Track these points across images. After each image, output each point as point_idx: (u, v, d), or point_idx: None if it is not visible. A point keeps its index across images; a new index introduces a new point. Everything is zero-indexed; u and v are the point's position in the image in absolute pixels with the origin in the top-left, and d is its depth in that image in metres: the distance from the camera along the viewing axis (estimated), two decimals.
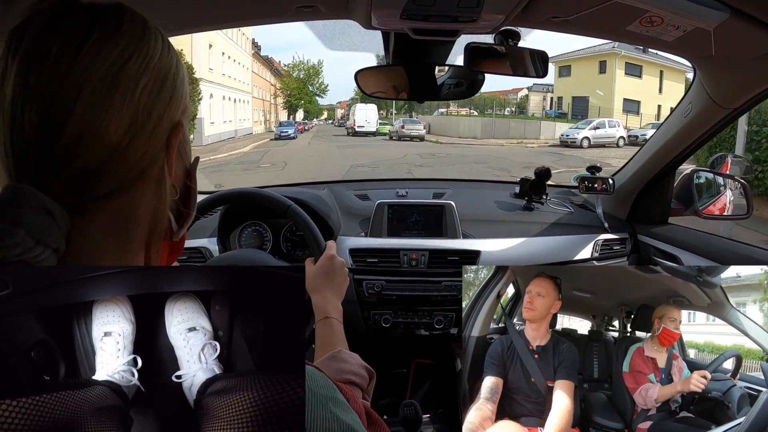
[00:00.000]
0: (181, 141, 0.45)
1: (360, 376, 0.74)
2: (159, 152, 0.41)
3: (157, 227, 0.44)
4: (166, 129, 0.42)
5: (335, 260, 0.98)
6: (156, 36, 0.42)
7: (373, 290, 1.51)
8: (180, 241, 0.50)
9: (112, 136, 0.37)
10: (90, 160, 0.37)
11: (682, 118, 1.39)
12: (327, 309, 0.88)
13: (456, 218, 1.61)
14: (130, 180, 0.40)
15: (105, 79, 0.37)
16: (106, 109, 0.37)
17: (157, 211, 0.43)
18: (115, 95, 0.37)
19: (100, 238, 0.40)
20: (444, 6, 0.91)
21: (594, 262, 1.63)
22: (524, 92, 36.05)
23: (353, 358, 0.77)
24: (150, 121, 0.40)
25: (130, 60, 0.39)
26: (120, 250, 0.41)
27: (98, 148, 0.37)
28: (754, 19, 0.87)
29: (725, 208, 1.56)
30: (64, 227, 0.37)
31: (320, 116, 51.13)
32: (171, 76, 0.42)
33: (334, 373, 0.72)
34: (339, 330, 0.86)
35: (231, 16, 1.13)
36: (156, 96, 0.40)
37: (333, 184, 2.01)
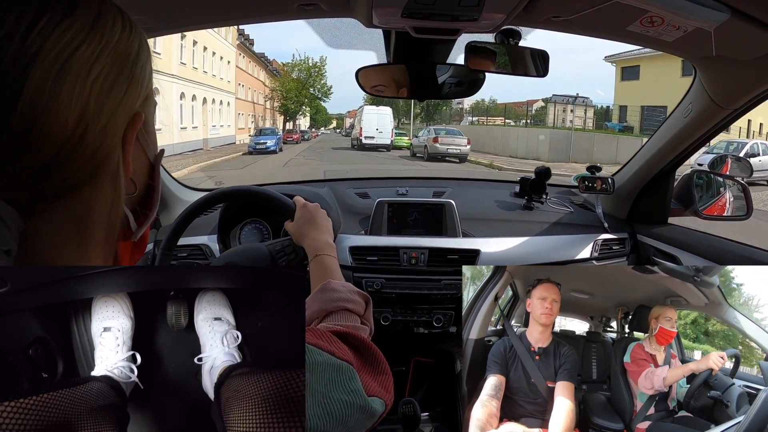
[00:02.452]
0: (142, 133, 0.43)
1: (354, 302, 0.73)
2: (115, 146, 0.39)
3: (114, 226, 0.41)
4: (122, 121, 0.39)
5: (309, 206, 1.01)
6: (114, 19, 0.39)
7: (373, 288, 1.51)
8: (141, 240, 0.47)
9: (62, 130, 0.35)
10: (39, 155, 0.34)
11: (682, 118, 1.39)
12: (318, 247, 0.89)
13: (456, 217, 1.61)
14: (84, 176, 0.37)
15: (52, 68, 0.34)
16: (54, 100, 0.34)
17: (113, 209, 0.41)
18: (64, 85, 0.35)
19: (55, 237, 0.38)
20: (445, 5, 0.90)
21: (593, 262, 1.63)
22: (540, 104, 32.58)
23: (344, 286, 0.75)
24: (103, 112, 0.37)
25: (81, 46, 0.36)
26: (77, 250, 0.39)
27: (47, 142, 0.34)
28: (754, 19, 0.87)
29: (725, 209, 1.56)
30: (14, 228, 0.35)
31: (329, 125, 48.90)
32: (129, 63, 0.40)
33: (325, 303, 0.71)
34: (333, 265, 0.87)
35: (231, 14, 1.13)
36: (111, 85, 0.38)
37: (333, 182, 2.01)
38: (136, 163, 0.43)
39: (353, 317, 0.71)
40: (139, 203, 0.46)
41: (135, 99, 0.40)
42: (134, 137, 0.41)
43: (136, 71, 0.40)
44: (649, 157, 1.60)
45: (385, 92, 1.36)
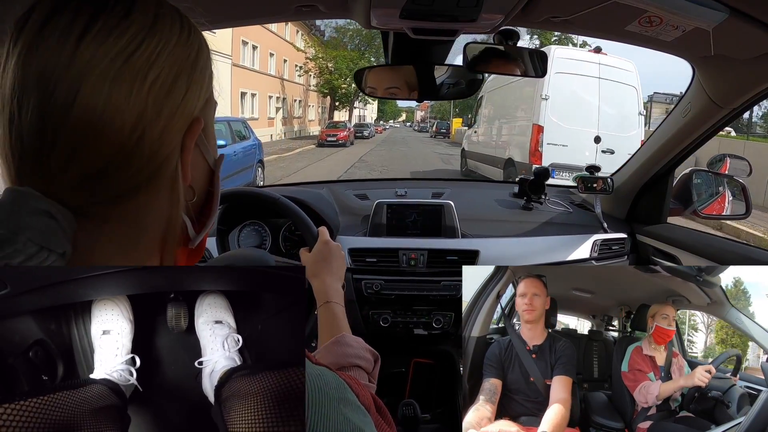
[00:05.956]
0: (201, 139, 0.42)
1: (365, 359, 0.74)
2: (173, 151, 0.38)
3: (171, 233, 0.40)
4: (181, 125, 0.38)
5: (330, 244, 0.98)
6: (173, 21, 0.38)
7: (372, 290, 1.51)
8: (198, 247, 0.46)
9: (118, 133, 0.34)
10: (94, 159, 0.34)
11: (681, 118, 1.39)
12: (328, 294, 0.88)
13: (455, 218, 1.60)
14: (140, 182, 0.37)
15: (109, 71, 0.34)
16: (111, 104, 0.34)
17: (170, 215, 0.40)
18: (121, 88, 0.34)
19: (108, 242, 0.38)
20: (443, 6, 0.91)
21: (593, 262, 1.63)
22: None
23: (357, 342, 0.76)
24: (161, 116, 0.36)
25: (138, 49, 0.35)
26: (130, 255, 0.39)
27: (103, 146, 0.34)
28: (753, 19, 0.87)
29: (724, 208, 1.56)
30: (69, 231, 0.35)
31: (398, 117, 44.52)
32: (188, 66, 0.39)
33: (339, 357, 0.72)
34: (341, 314, 0.86)
35: (229, 15, 1.13)
36: (169, 88, 0.37)
37: (332, 183, 2.01)
38: (195, 169, 0.42)
39: (363, 374, 0.72)
40: (198, 209, 0.45)
41: (194, 102, 0.40)
42: (193, 142, 0.40)
43: (195, 74, 0.39)
44: (648, 156, 1.60)
45: (382, 94, 1.36)
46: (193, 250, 0.46)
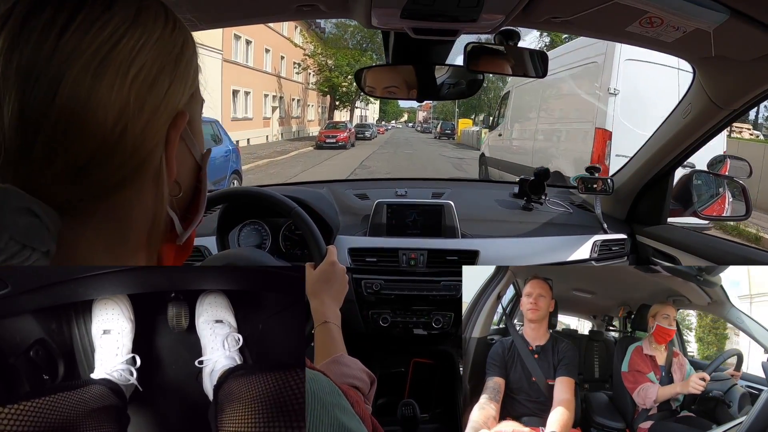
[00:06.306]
0: (187, 133, 0.41)
1: (361, 380, 0.74)
2: (157, 145, 0.37)
3: (156, 229, 0.40)
4: (164, 120, 0.38)
5: (336, 266, 0.97)
6: (156, 14, 0.38)
7: (372, 290, 1.51)
8: (186, 244, 0.46)
9: (101, 127, 0.34)
10: (77, 153, 0.34)
11: (681, 119, 1.39)
12: (326, 314, 0.87)
13: (455, 218, 1.60)
14: (124, 177, 0.36)
15: (91, 64, 0.33)
16: (93, 97, 0.33)
17: (155, 211, 0.39)
18: (103, 81, 0.34)
19: (93, 239, 0.37)
20: (444, 6, 0.91)
21: (592, 263, 1.63)
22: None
23: (354, 363, 0.77)
24: (144, 110, 0.36)
25: (120, 42, 0.35)
26: (115, 252, 0.38)
27: (85, 140, 0.34)
28: (753, 20, 0.87)
29: (724, 210, 1.56)
30: (53, 229, 0.34)
31: (399, 118, 43.74)
32: (172, 59, 0.38)
33: (337, 377, 0.71)
34: (338, 335, 0.86)
35: (229, 15, 1.13)
36: (152, 81, 0.36)
37: (332, 183, 2.01)
38: (181, 163, 0.41)
39: (359, 396, 0.72)
40: (185, 205, 0.44)
41: (178, 97, 0.39)
42: (178, 137, 0.39)
43: (180, 68, 0.39)
44: (648, 157, 1.60)
45: (383, 94, 1.36)
46: (181, 247, 0.45)
